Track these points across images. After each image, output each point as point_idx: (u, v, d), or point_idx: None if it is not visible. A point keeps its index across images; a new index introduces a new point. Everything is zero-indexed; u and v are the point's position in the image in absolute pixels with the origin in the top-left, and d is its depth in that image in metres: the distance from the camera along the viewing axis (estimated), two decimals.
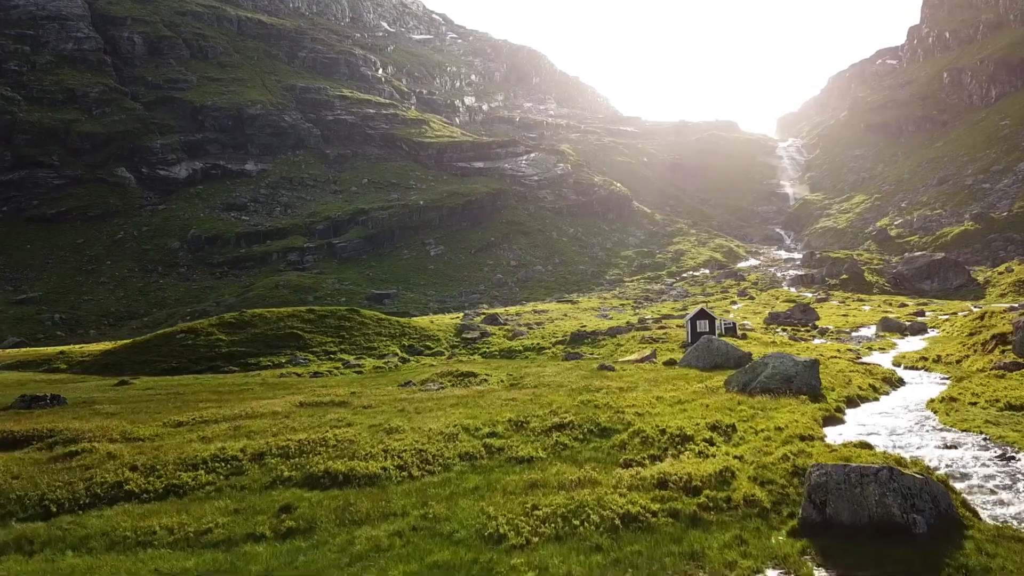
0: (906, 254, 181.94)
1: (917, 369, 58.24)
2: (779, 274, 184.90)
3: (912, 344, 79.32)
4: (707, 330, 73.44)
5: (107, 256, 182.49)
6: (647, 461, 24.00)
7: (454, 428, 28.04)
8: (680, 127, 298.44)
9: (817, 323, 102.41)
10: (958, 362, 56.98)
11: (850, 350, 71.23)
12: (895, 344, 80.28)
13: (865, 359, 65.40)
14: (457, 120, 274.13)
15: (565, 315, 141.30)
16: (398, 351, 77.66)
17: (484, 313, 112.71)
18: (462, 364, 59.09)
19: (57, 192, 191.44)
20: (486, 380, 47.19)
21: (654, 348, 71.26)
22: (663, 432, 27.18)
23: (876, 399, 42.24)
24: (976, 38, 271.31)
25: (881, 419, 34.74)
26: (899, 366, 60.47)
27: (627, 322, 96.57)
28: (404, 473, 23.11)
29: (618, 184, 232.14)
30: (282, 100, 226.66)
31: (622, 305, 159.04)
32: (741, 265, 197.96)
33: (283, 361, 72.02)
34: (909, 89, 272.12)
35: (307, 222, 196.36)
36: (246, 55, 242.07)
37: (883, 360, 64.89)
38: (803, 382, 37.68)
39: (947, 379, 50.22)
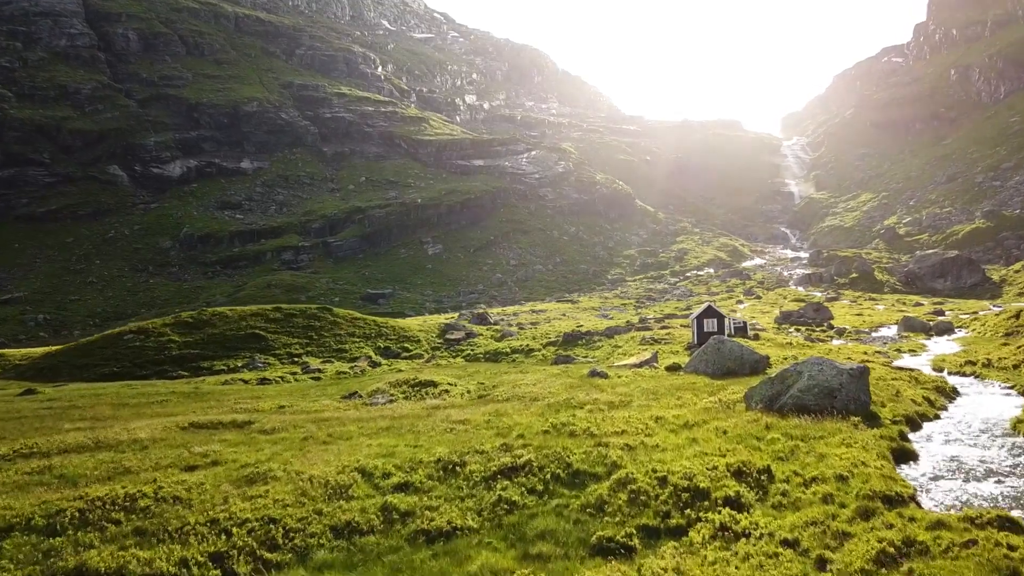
0: (917, 252, 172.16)
1: (966, 375, 48.27)
2: (786, 273, 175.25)
3: (943, 345, 69.74)
4: (715, 330, 63.55)
5: (97, 255, 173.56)
6: (638, 542, 14.13)
7: (351, 474, 18.61)
8: (683, 126, 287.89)
9: (832, 322, 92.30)
10: (1015, 367, 46.78)
11: (878, 352, 61.13)
12: (924, 345, 70.38)
13: (897, 363, 55.42)
14: (458, 119, 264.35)
15: (564, 315, 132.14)
16: (372, 354, 67.91)
17: (476, 313, 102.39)
18: (425, 371, 49.23)
19: (47, 190, 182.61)
20: (447, 392, 37.67)
21: (655, 350, 61.38)
22: (663, 481, 17.64)
23: (936, 416, 32.36)
24: (984, 35, 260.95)
25: (966, 450, 24.86)
26: (941, 371, 50.61)
27: (627, 322, 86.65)
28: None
29: (620, 182, 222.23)
30: (279, 97, 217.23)
31: (624, 305, 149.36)
32: (746, 264, 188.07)
33: (239, 365, 62.43)
34: (916, 86, 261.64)
35: (303, 221, 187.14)
36: (243, 52, 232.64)
37: (918, 364, 54.97)
38: (850, 397, 27.79)
39: (1010, 388, 40.47)
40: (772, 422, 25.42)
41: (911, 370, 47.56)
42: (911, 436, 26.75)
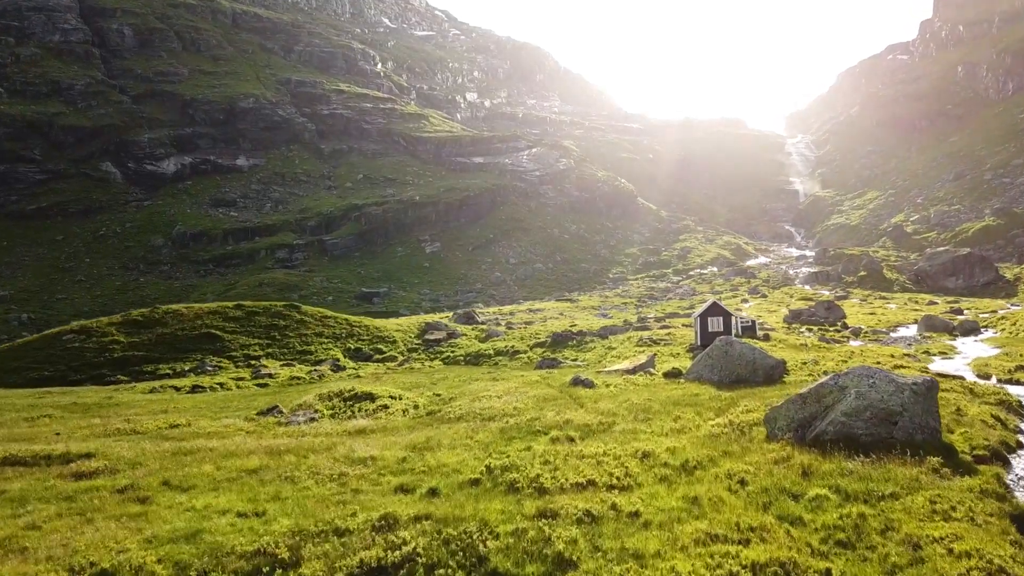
0: (928, 250, 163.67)
1: (1021, 383, 39.55)
2: (791, 271, 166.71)
3: (974, 347, 61.49)
4: (720, 329, 55.11)
5: (87, 253, 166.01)
6: None
7: None
8: (687, 124, 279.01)
9: (846, 322, 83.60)
10: None
11: (907, 356, 52.51)
12: (953, 347, 61.90)
13: (933, 368, 46.74)
14: (458, 116, 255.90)
15: (562, 314, 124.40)
16: (340, 356, 59.74)
17: (463, 312, 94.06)
18: (364, 382, 40.83)
19: (38, 187, 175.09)
20: (386, 408, 29.62)
21: (653, 352, 53.05)
22: None
23: (1020, 444, 23.62)
24: (991, 31, 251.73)
25: None
26: (988, 378, 42.35)
27: (624, 321, 78.16)
28: None
29: (622, 180, 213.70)
30: (276, 94, 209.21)
31: (624, 304, 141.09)
32: (750, 263, 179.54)
33: (186, 368, 54.39)
34: (922, 83, 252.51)
35: (298, 218, 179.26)
36: (240, 48, 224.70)
37: (957, 369, 46.52)
38: (915, 423, 19.53)
39: None
40: (810, 463, 17.12)
41: (957, 377, 39.06)
42: (1008, 479, 18.23)
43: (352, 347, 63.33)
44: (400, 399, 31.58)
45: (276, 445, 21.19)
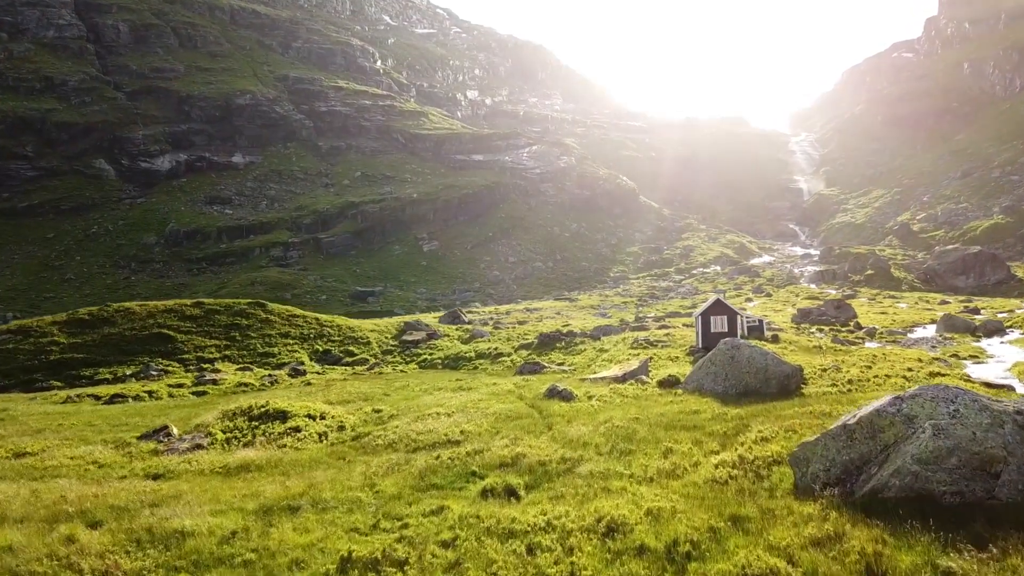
0: (936, 248, 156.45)
1: None
2: (796, 270, 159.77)
3: (1003, 349, 55.57)
4: (724, 330, 48.18)
5: (77, 251, 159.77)
6: None
7: None
8: (690, 122, 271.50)
9: (858, 322, 76.51)
10: None
11: (937, 360, 45.35)
12: (982, 350, 55.11)
13: (970, 374, 39.82)
14: (459, 114, 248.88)
15: (558, 313, 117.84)
16: (305, 358, 53.13)
17: (450, 311, 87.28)
18: (275, 396, 33.69)
19: (30, 184, 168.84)
20: (297, 431, 22.79)
21: (649, 356, 46.26)
22: None
23: None
24: (998, 28, 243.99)
25: None
26: None
27: (621, 320, 71.21)
28: None
29: (624, 178, 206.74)
30: (274, 91, 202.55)
31: (624, 303, 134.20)
32: (754, 262, 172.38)
33: (128, 373, 47.92)
34: (928, 81, 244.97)
35: (294, 216, 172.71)
36: (238, 45, 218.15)
37: (998, 376, 39.50)
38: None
39: None
40: (875, 551, 10.13)
41: (1006, 387, 32.09)
42: None
43: (320, 349, 56.66)
44: (322, 418, 24.96)
45: (60, 502, 14.39)
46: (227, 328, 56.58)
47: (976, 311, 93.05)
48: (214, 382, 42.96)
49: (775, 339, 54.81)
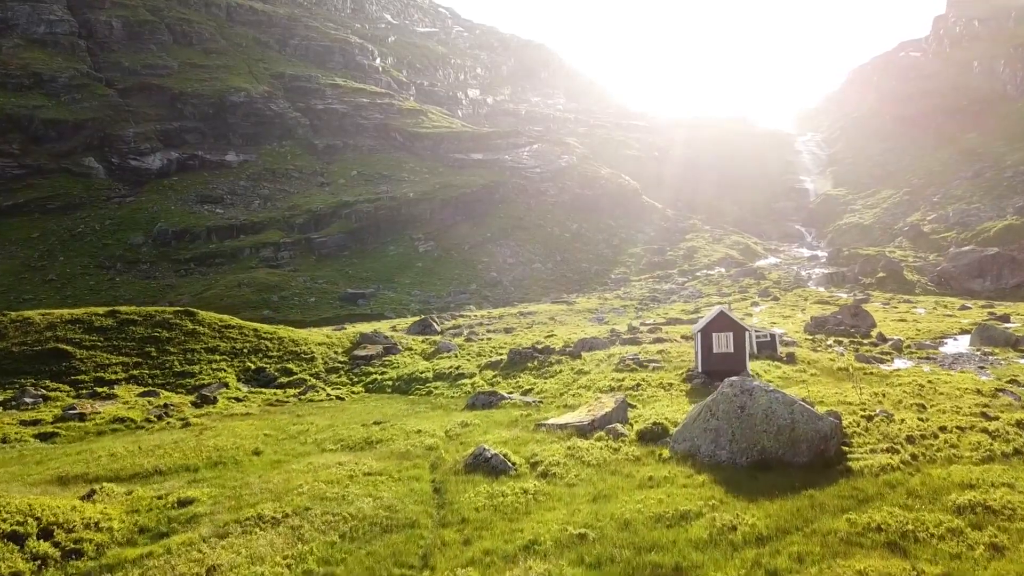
0: (952, 249, 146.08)
1: None
2: (804, 272, 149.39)
3: None
4: (729, 349, 37.82)
5: (61, 251, 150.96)
6: None
7: None
8: (694, 122, 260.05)
9: (882, 332, 66.03)
10: None
11: (1000, 390, 34.97)
12: None
13: None
14: (460, 113, 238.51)
15: (552, 318, 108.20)
16: (232, 379, 43.47)
17: (419, 319, 77.05)
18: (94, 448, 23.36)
19: (16, 183, 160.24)
20: None
21: (636, 382, 36.15)
22: None
23: None
24: (1008, 26, 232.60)
25: None
26: None
27: (610, 331, 60.88)
28: None
29: (626, 177, 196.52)
30: (269, 88, 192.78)
31: (624, 307, 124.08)
32: (760, 263, 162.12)
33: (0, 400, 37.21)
34: (937, 79, 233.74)
35: (286, 216, 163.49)
36: (234, 42, 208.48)
37: None
38: None
39: None
40: None
41: None
42: None
43: (253, 367, 46.82)
44: (47, 538, 14.81)
45: None
46: (142, 342, 46.81)
47: (1006, 319, 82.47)
48: (82, 416, 33.01)
49: (791, 359, 44.54)
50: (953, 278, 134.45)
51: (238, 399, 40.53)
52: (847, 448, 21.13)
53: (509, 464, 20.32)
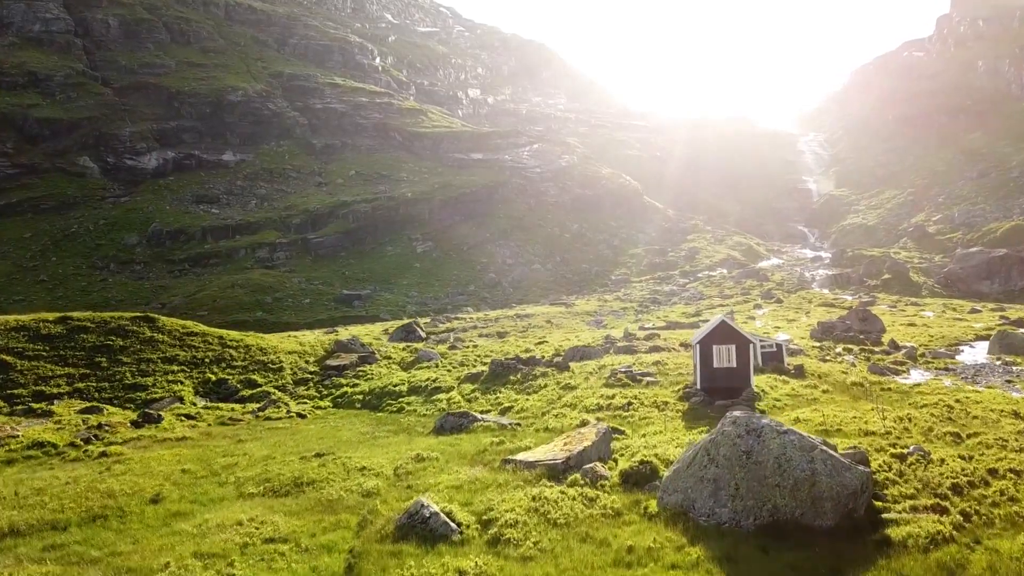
0: (958, 250, 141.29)
1: None
2: (807, 274, 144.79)
3: None
4: (732, 364, 33.15)
5: (54, 252, 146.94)
6: None
7: None
8: (696, 122, 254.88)
9: (894, 340, 61.30)
10: None
11: None
12: None
13: None
14: (460, 112, 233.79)
15: (549, 321, 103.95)
16: (189, 392, 39.17)
17: (403, 323, 72.39)
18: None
19: (9, 182, 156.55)
20: None
21: (626, 400, 31.60)
22: None
23: None
24: (1012, 25, 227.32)
25: None
26: None
27: (606, 337, 56.43)
28: None
29: (627, 177, 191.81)
30: (267, 87, 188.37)
31: (623, 309, 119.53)
32: (762, 264, 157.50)
33: None
34: (940, 79, 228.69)
35: (283, 216, 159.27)
36: (232, 41, 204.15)
37: None
38: None
39: None
40: None
41: None
42: None
43: (214, 378, 42.49)
44: None
45: None
46: (93, 351, 42.50)
47: (1022, 323, 77.57)
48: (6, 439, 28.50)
49: (799, 372, 39.99)
50: (960, 280, 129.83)
51: (189, 416, 36.15)
52: (880, 503, 16.62)
53: (452, 526, 15.87)
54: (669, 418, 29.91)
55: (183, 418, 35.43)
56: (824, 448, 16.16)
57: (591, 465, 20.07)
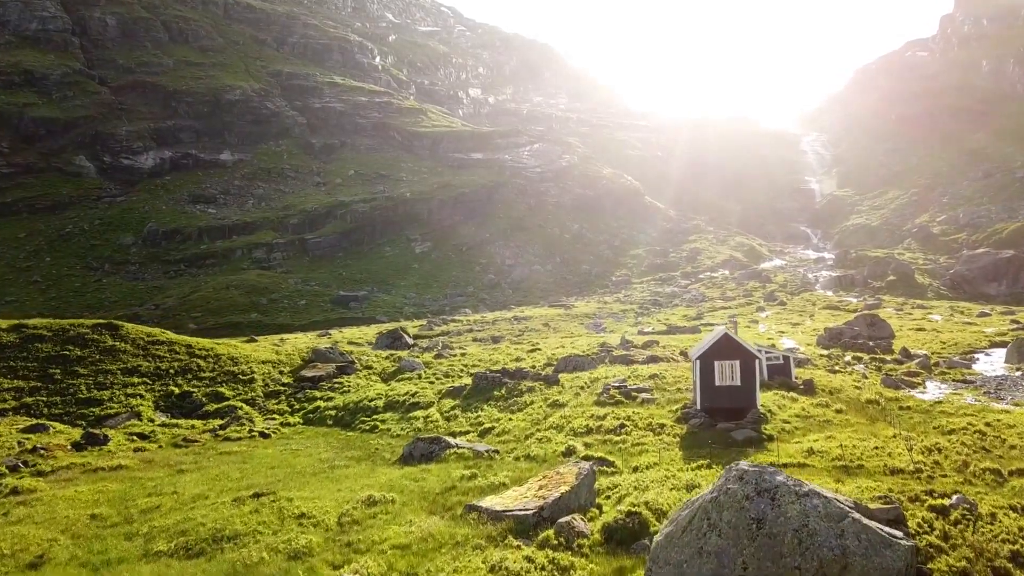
0: (964, 252, 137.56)
1: None
2: (811, 275, 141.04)
3: None
4: (736, 382, 29.50)
5: (48, 252, 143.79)
6: None
7: None
8: (698, 122, 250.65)
9: (906, 348, 57.54)
10: None
11: None
12: None
13: None
14: (460, 112, 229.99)
15: (546, 324, 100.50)
16: (148, 407, 35.84)
17: (388, 330, 68.62)
18: None
19: (3, 182, 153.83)
20: None
21: (619, 422, 27.96)
22: None
23: None
24: (1017, 25, 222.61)
25: None
26: None
27: (601, 344, 52.77)
28: None
29: (628, 177, 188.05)
30: (266, 86, 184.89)
31: (623, 311, 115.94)
32: (765, 265, 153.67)
33: None
34: (944, 79, 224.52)
35: (280, 216, 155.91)
36: (231, 40, 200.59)
37: None
38: None
39: None
40: None
41: None
42: None
43: (178, 391, 38.99)
44: None
45: None
46: (47, 362, 39.06)
47: None
48: None
49: (808, 387, 36.33)
50: (967, 282, 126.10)
51: (142, 435, 32.68)
52: None
53: None
54: (665, 444, 26.33)
55: (134, 438, 31.99)
56: (856, 517, 12.52)
57: (567, 519, 16.51)
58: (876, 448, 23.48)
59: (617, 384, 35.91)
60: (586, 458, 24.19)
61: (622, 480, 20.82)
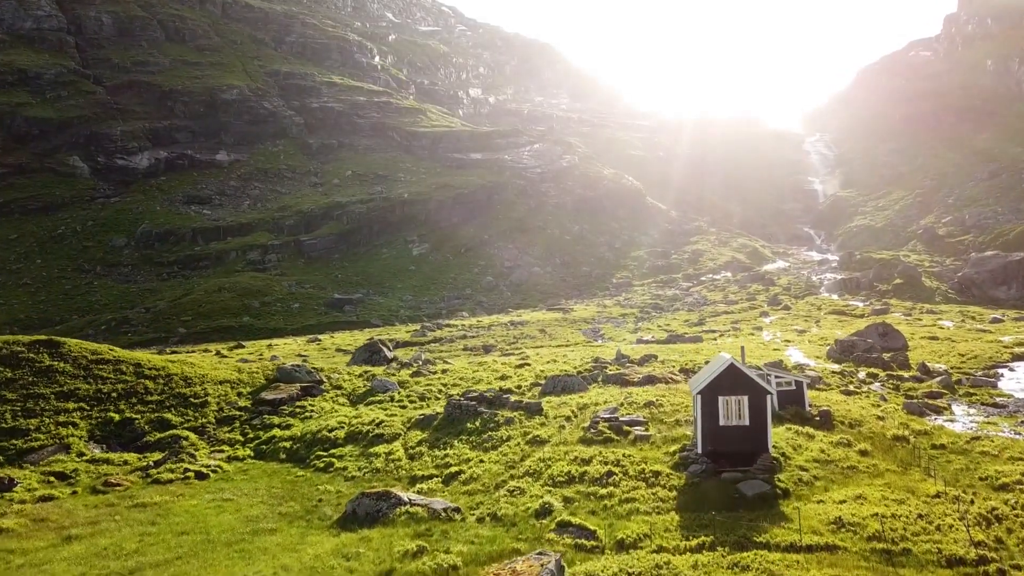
0: (972, 254, 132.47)
1: None
2: (815, 278, 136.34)
3: None
4: (744, 421, 24.62)
5: (39, 254, 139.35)
6: None
7: None
8: (700, 122, 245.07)
9: (924, 363, 52.56)
10: None
11: None
12: None
13: None
14: (460, 112, 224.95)
15: (543, 331, 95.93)
16: (81, 438, 30.45)
17: (367, 341, 63.54)
18: None
19: None
20: None
21: (606, 469, 23.17)
22: None
23: None
24: (1021, 24, 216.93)
25: None
26: None
27: (595, 360, 48.12)
28: None
29: (629, 178, 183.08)
30: (263, 86, 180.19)
31: (623, 316, 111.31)
32: (768, 267, 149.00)
33: None
34: (948, 79, 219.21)
35: (276, 217, 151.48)
36: (228, 39, 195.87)
37: None
38: None
39: None
40: None
41: None
42: None
43: (118, 418, 34.32)
44: None
45: None
46: None
47: None
48: None
49: (825, 420, 31.42)
50: (975, 285, 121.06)
51: (61, 476, 28.05)
52: None
53: None
54: (659, 502, 21.57)
55: (50, 479, 27.40)
56: None
57: None
58: (920, 517, 18.68)
59: (607, 415, 31.09)
60: (561, 524, 19.51)
61: (602, 568, 16.10)
